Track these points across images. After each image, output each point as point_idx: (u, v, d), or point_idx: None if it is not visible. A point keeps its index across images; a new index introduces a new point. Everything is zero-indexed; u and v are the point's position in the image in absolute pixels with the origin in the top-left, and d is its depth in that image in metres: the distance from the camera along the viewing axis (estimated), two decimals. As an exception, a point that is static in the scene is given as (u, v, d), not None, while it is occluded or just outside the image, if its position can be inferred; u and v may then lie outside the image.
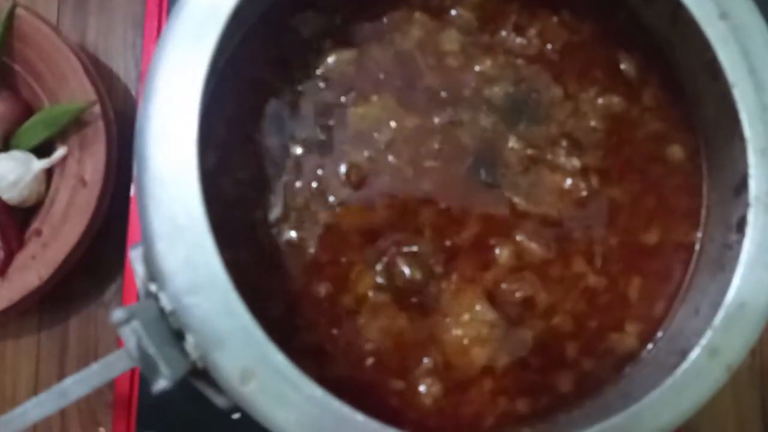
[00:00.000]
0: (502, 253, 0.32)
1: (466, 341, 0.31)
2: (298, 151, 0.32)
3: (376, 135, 0.32)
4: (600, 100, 0.33)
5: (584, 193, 0.32)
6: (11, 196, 0.43)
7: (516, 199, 0.32)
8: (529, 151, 0.32)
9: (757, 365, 0.47)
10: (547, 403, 0.31)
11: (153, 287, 0.26)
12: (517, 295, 0.32)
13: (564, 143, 0.33)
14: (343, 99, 0.32)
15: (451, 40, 0.33)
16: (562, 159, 0.32)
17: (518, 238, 0.32)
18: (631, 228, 0.33)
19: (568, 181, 0.32)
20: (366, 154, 0.32)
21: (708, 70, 0.30)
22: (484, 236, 0.32)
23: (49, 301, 0.45)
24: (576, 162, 0.33)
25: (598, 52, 0.34)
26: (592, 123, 0.33)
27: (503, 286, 0.32)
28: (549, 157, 0.33)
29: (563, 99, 0.33)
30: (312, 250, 0.31)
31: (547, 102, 0.33)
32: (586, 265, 0.32)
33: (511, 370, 0.31)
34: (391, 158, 0.32)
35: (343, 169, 0.32)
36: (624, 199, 0.33)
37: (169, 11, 0.45)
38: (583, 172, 0.33)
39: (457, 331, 0.31)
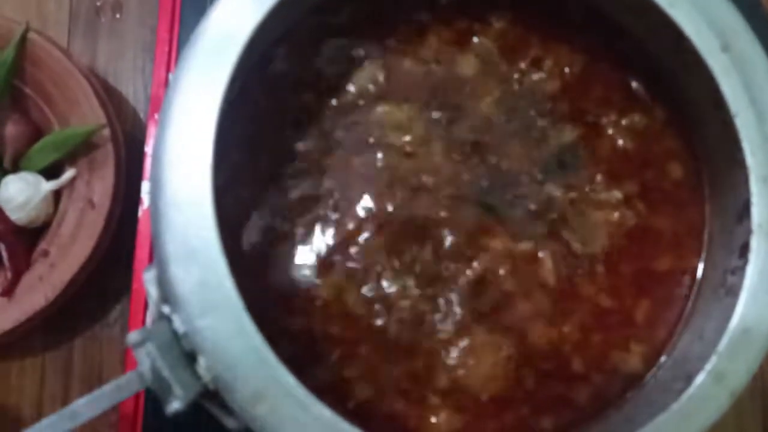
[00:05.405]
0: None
1: (484, 370, 0.31)
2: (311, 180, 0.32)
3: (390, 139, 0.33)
4: (624, 121, 0.34)
5: (633, 222, 0.33)
6: (20, 217, 0.43)
7: (573, 243, 0.33)
8: (571, 195, 0.33)
9: (759, 388, 0.47)
10: (567, 420, 0.32)
11: (166, 309, 0.26)
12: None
13: (599, 178, 0.33)
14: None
15: (470, 65, 0.34)
16: (603, 195, 0.33)
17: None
18: (642, 252, 0.33)
19: (616, 214, 0.33)
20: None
21: (710, 99, 0.31)
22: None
23: (54, 321, 0.45)
24: (617, 194, 0.33)
25: (612, 75, 0.35)
26: (621, 143, 0.34)
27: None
28: (591, 195, 0.33)
29: (587, 133, 0.34)
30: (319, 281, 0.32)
31: (574, 141, 0.34)
32: (594, 286, 0.33)
33: (532, 377, 0.32)
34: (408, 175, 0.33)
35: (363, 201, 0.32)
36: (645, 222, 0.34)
37: (179, 37, 0.45)
38: (627, 201, 0.33)
39: (476, 364, 0.31)
